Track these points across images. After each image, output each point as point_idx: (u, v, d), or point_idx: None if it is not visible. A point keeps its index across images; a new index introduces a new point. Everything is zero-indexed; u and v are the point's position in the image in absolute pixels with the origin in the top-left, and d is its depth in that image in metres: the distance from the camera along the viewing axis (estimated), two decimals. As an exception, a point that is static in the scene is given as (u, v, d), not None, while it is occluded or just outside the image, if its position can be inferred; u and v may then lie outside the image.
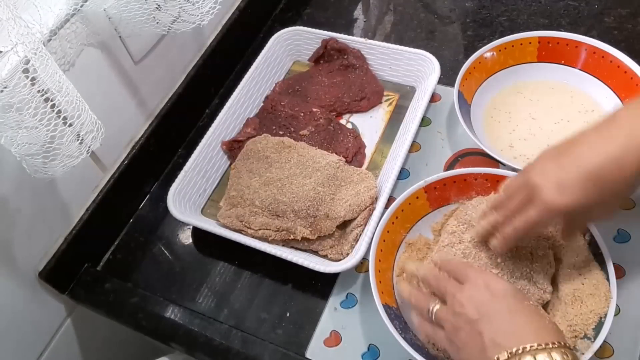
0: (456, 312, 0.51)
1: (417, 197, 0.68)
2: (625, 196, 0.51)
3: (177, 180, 0.75)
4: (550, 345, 0.45)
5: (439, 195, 0.68)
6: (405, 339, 0.57)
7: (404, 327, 0.59)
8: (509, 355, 0.46)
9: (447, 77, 0.82)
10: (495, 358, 0.46)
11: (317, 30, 0.89)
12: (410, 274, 0.61)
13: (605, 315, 0.56)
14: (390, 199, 0.73)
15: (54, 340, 0.74)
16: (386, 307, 0.59)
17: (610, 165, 0.48)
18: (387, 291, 0.62)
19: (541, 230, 0.61)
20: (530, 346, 0.45)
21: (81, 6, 0.63)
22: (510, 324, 0.48)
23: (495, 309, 0.49)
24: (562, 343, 0.46)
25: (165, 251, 0.77)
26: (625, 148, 0.47)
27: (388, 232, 0.65)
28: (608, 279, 0.58)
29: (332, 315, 0.67)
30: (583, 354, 0.54)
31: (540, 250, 0.61)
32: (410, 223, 0.68)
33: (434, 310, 0.54)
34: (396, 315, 0.60)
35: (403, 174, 0.76)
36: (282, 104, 0.84)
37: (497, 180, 0.67)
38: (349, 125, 0.83)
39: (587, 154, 0.49)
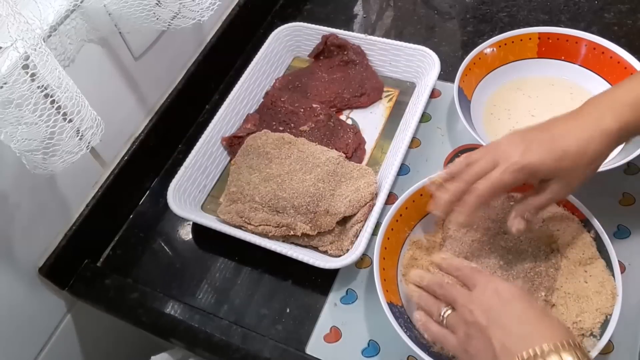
0: (467, 321, 0.51)
1: (421, 195, 0.68)
2: (584, 175, 0.55)
3: (177, 176, 0.75)
4: (560, 346, 0.45)
5: None
6: (410, 337, 0.57)
7: (408, 325, 0.59)
8: None
9: (447, 73, 0.82)
10: None
11: (317, 26, 0.89)
12: (415, 282, 0.59)
13: (611, 313, 0.56)
14: (391, 195, 0.73)
15: (54, 335, 0.74)
16: (391, 306, 0.60)
17: (577, 146, 0.54)
18: (391, 289, 0.62)
19: (505, 192, 0.61)
20: (541, 350, 0.45)
21: (81, 2, 0.63)
22: (520, 327, 0.48)
23: (505, 313, 0.49)
24: (572, 342, 0.46)
25: (165, 247, 0.77)
26: (590, 136, 0.53)
27: (392, 229, 0.65)
28: (613, 276, 0.58)
29: (332, 311, 0.67)
30: (589, 352, 0.54)
31: (543, 252, 0.62)
32: (414, 220, 0.68)
33: (445, 315, 0.54)
34: (400, 313, 0.60)
35: (403, 169, 0.76)
36: (282, 99, 0.84)
37: None
38: (349, 121, 0.83)
39: (558, 137, 0.55)
